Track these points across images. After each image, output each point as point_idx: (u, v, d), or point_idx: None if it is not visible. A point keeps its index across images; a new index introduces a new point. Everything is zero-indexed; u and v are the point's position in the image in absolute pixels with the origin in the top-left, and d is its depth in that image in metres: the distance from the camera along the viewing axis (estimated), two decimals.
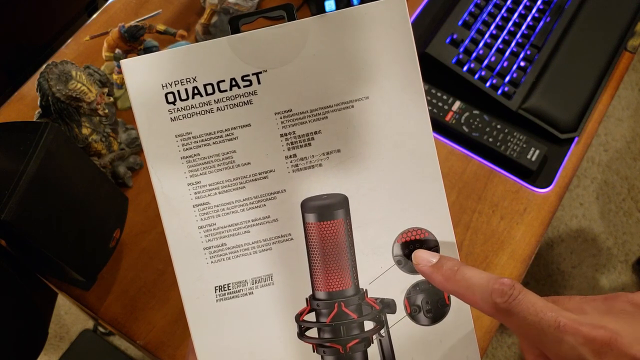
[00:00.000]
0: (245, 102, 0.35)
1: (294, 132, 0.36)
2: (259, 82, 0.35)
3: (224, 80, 0.35)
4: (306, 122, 0.36)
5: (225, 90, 0.35)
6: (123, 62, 0.35)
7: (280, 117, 0.36)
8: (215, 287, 0.36)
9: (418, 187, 0.36)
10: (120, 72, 0.79)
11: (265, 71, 0.35)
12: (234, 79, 0.35)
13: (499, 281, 0.30)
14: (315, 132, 0.36)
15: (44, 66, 0.65)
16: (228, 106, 0.35)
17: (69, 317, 1.42)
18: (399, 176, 0.36)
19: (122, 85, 0.80)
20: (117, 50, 0.77)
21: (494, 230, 0.73)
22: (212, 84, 0.35)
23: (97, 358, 1.36)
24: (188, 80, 0.35)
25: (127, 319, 0.67)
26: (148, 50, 0.78)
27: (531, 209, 0.75)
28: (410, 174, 0.36)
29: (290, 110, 0.36)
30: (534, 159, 0.75)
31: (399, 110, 0.36)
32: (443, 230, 0.36)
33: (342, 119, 0.36)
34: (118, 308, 0.68)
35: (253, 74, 0.35)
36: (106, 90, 0.69)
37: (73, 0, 0.94)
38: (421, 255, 0.35)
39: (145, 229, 0.72)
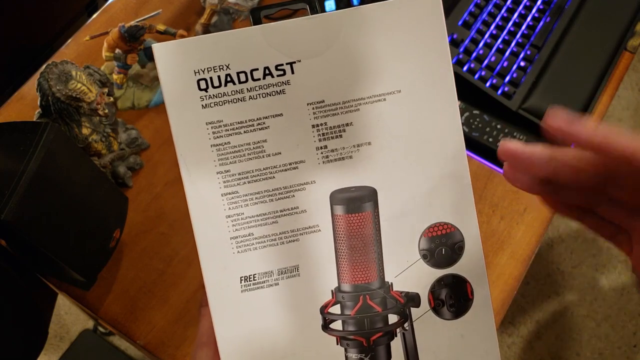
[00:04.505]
0: (278, 91, 0.35)
1: (325, 124, 0.35)
2: (292, 72, 0.35)
3: (257, 69, 0.35)
4: (338, 113, 0.35)
5: (259, 79, 0.35)
6: (155, 46, 0.34)
7: (313, 108, 0.35)
8: (241, 277, 0.35)
9: (446, 183, 0.36)
10: (120, 72, 0.79)
11: (299, 61, 0.35)
12: (267, 67, 0.35)
13: None
14: (347, 124, 0.35)
15: (44, 66, 0.65)
16: (261, 95, 0.35)
17: (69, 317, 1.42)
18: (427, 171, 0.36)
19: (122, 85, 0.80)
20: (117, 50, 0.77)
21: (494, 230, 0.73)
22: (245, 72, 0.35)
23: (97, 358, 1.36)
24: (221, 67, 0.35)
25: (127, 319, 0.67)
26: (148, 50, 0.78)
27: (531, 209, 0.75)
28: (439, 169, 0.36)
29: (323, 101, 0.35)
30: None
31: (431, 106, 0.36)
32: (469, 226, 0.36)
33: (373, 112, 0.35)
34: (118, 308, 0.68)
35: (287, 64, 0.35)
36: (106, 90, 0.69)
37: (73, 0, 0.94)
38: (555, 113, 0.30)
39: (145, 229, 0.72)
